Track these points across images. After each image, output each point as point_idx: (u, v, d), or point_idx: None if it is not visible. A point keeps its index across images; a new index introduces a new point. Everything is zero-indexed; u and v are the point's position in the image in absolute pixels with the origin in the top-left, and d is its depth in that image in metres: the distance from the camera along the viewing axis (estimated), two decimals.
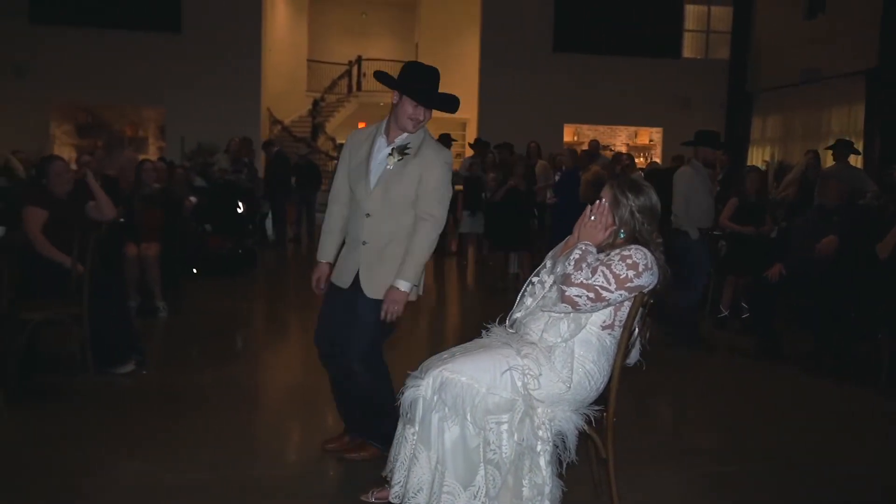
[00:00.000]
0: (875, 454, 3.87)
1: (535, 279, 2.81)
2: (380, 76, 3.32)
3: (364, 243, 3.12)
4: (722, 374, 5.41)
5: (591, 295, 2.49)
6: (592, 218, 2.66)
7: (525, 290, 2.82)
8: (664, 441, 3.99)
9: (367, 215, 3.10)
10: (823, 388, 4.98)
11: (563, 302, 2.52)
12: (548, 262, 2.82)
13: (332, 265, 3.33)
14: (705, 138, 5.99)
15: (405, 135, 3.14)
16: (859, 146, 12.59)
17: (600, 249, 2.65)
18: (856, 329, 5.24)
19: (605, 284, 2.50)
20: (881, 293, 4.96)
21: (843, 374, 5.13)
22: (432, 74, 3.15)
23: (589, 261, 2.55)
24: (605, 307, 2.56)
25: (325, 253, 3.36)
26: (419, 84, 3.10)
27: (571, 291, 2.49)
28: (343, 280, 3.20)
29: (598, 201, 2.69)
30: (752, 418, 4.37)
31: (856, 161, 11.12)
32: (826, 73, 13.37)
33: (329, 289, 3.32)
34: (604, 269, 2.52)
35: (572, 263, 2.54)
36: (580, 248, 2.59)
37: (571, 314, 2.56)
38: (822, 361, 5.23)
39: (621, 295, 2.53)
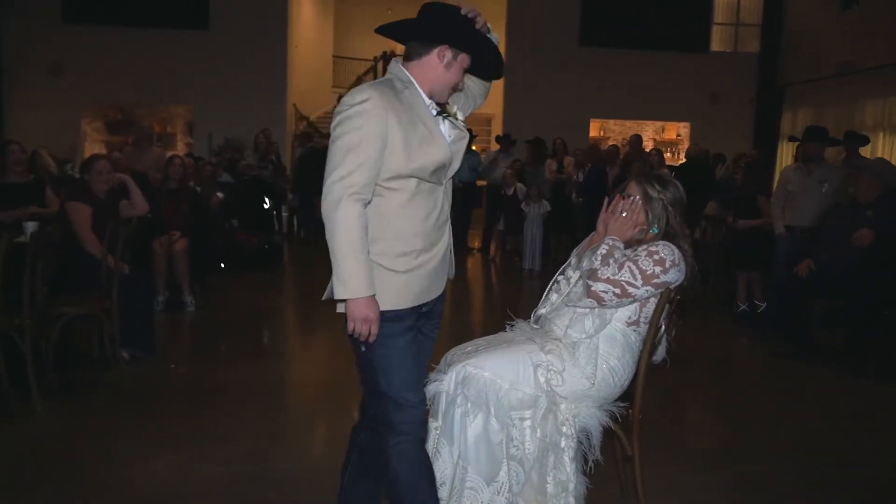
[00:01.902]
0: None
1: (560, 277, 2.79)
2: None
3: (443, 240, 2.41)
4: (752, 372, 5.35)
5: (618, 291, 2.48)
6: (624, 214, 2.64)
7: (551, 286, 2.80)
8: (692, 439, 3.96)
9: (446, 202, 2.43)
10: (855, 388, 4.89)
11: (588, 297, 2.51)
12: (573, 259, 2.80)
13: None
14: (811, 134, 6.30)
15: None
16: (894, 140, 12.37)
17: (628, 245, 2.63)
18: (889, 327, 5.15)
19: (632, 280, 2.48)
20: None
21: (875, 373, 5.04)
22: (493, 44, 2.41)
23: (616, 256, 2.54)
24: (630, 303, 2.54)
25: (372, 281, 2.20)
26: (488, 54, 2.37)
27: (598, 287, 2.48)
28: (432, 293, 2.36)
29: (628, 197, 2.66)
30: (782, 417, 4.31)
31: (872, 153, 10.94)
32: (860, 66, 13.13)
33: (398, 319, 2.27)
34: (630, 264, 2.50)
35: (599, 259, 2.52)
36: (607, 244, 2.57)
37: (596, 310, 2.54)
38: (854, 360, 5.15)
39: (647, 291, 2.52)
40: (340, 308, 2.25)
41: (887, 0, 12.71)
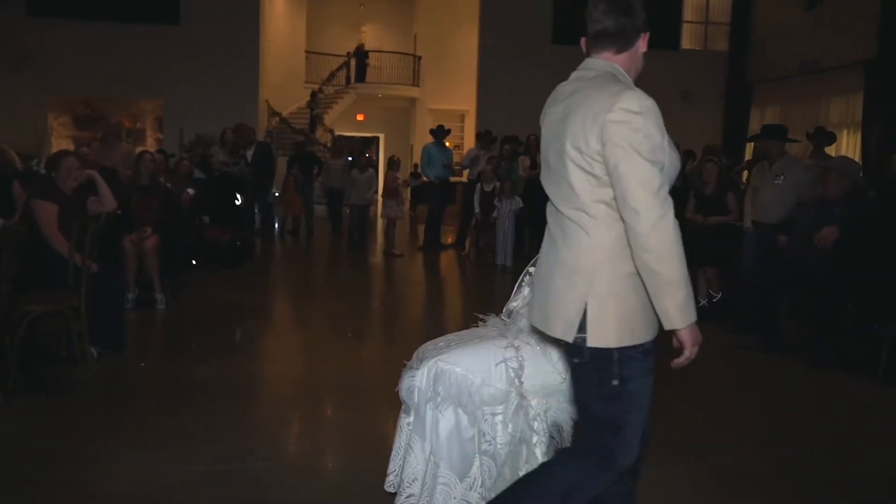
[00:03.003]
0: (879, 447, 3.88)
1: (531, 268, 2.80)
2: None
3: None
4: (723, 368, 5.41)
5: None
6: None
7: (522, 278, 2.81)
8: (665, 434, 4.00)
9: None
10: (825, 382, 4.99)
11: None
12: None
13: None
14: (768, 132, 6.43)
15: None
16: (857, 137, 12.61)
17: None
18: (855, 322, 5.26)
19: None
20: (880, 286, 4.97)
21: (843, 367, 5.15)
22: None
23: None
24: None
25: None
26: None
27: None
28: None
29: None
30: (752, 409, 4.38)
31: (837, 151, 11.14)
32: (825, 65, 13.35)
33: (651, 353, 2.08)
34: None
35: None
36: None
37: None
38: (823, 355, 5.25)
39: None
40: (595, 341, 1.96)
41: (851, 0, 12.95)
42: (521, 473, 2.42)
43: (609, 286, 1.97)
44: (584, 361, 2.00)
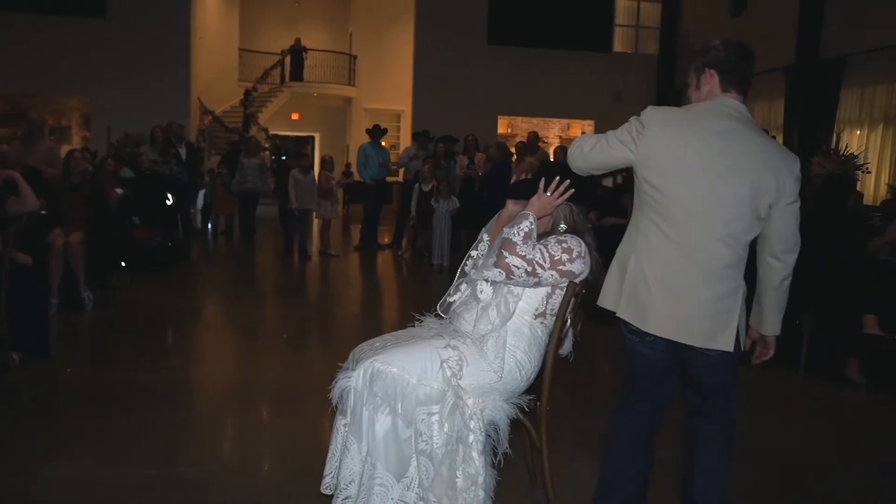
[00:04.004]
0: (799, 435, 4.06)
1: (473, 252, 2.83)
2: None
3: None
4: None
5: (529, 269, 2.51)
6: (548, 193, 2.64)
7: (462, 267, 2.83)
8: (598, 429, 4.08)
9: None
10: (749, 374, 5.16)
11: (498, 267, 2.52)
12: (484, 236, 2.84)
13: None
14: None
15: None
16: (779, 140, 13.10)
17: (538, 237, 2.67)
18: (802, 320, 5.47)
19: (542, 262, 2.53)
20: (800, 283, 5.18)
21: (788, 364, 5.36)
22: None
23: (534, 238, 2.57)
24: (534, 285, 2.57)
25: None
26: None
27: (512, 260, 2.50)
28: None
29: (556, 178, 2.63)
30: (682, 405, 4.50)
31: None
32: None
33: None
34: (541, 247, 2.56)
35: (521, 235, 2.54)
36: (530, 223, 2.58)
37: (499, 303, 2.57)
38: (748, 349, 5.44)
39: (552, 276, 2.56)
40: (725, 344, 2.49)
41: (771, 8, 13.47)
42: (459, 473, 2.44)
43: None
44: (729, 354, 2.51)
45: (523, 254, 2.51)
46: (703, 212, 2.41)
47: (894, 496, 3.37)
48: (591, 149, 2.53)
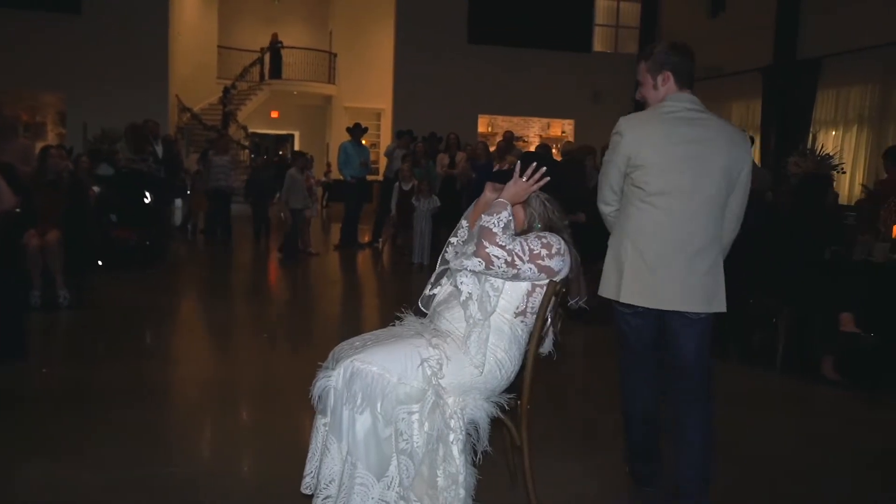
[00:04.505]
0: (775, 431, 4.10)
1: (453, 239, 2.83)
2: None
3: None
4: None
5: (508, 259, 2.51)
6: (524, 179, 2.65)
7: (443, 255, 2.82)
8: (578, 428, 4.11)
9: None
10: (727, 372, 5.23)
11: (478, 256, 2.51)
12: (463, 223, 2.85)
13: None
14: None
15: None
16: (757, 139, 13.25)
17: (517, 234, 2.67)
18: (755, 315, 5.55)
19: (521, 254, 2.53)
20: (777, 282, 5.25)
21: (744, 358, 5.43)
22: None
23: (512, 229, 2.58)
24: (512, 277, 2.57)
25: None
26: None
27: (492, 250, 2.50)
28: None
29: (532, 164, 2.63)
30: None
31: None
32: (726, 70, 13.97)
33: None
34: (521, 240, 2.57)
35: (501, 225, 2.54)
36: (508, 213, 2.57)
37: (479, 300, 2.57)
38: (726, 347, 5.52)
39: (531, 269, 2.55)
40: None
41: (749, 9, 13.60)
42: (439, 472, 2.44)
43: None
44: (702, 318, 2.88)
45: (503, 244, 2.51)
46: (689, 191, 2.78)
47: (869, 488, 3.41)
48: (602, 188, 3.01)
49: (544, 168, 2.63)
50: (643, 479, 3.18)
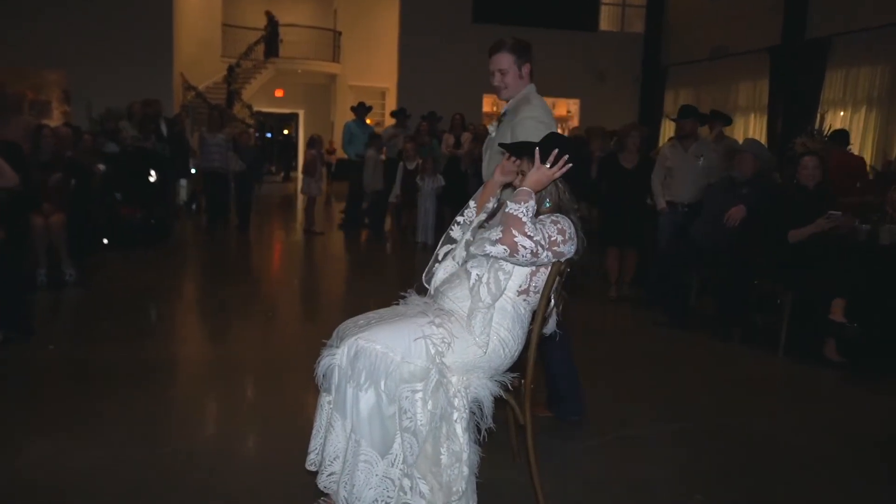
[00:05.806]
0: (779, 414, 4.11)
1: (459, 218, 2.82)
2: None
3: None
4: (634, 342, 5.61)
5: (534, 249, 2.51)
6: (548, 166, 2.64)
7: (448, 232, 2.81)
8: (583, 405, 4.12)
9: None
10: (729, 354, 5.24)
11: (504, 244, 2.50)
12: (471, 203, 2.84)
13: None
14: (685, 112, 6.70)
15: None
16: (764, 120, 13.17)
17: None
18: (760, 296, 5.53)
19: (543, 243, 2.53)
20: (782, 263, 5.23)
21: (748, 339, 5.43)
22: None
23: (533, 217, 2.57)
24: (532, 265, 2.58)
25: None
26: None
27: (520, 240, 2.49)
28: None
29: (555, 150, 2.63)
30: (661, 383, 4.56)
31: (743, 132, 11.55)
32: (733, 50, 13.85)
33: None
34: (541, 228, 2.56)
35: (530, 214, 2.53)
36: (534, 202, 2.57)
37: (488, 283, 2.57)
38: (729, 329, 5.51)
39: (548, 257, 2.56)
40: None
41: None
42: (443, 450, 2.45)
43: None
44: None
45: (531, 234, 2.50)
46: None
47: (866, 470, 3.43)
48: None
49: (566, 156, 2.63)
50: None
